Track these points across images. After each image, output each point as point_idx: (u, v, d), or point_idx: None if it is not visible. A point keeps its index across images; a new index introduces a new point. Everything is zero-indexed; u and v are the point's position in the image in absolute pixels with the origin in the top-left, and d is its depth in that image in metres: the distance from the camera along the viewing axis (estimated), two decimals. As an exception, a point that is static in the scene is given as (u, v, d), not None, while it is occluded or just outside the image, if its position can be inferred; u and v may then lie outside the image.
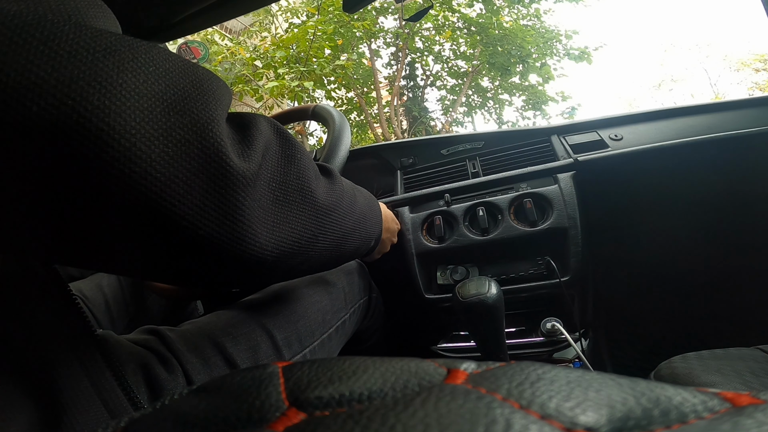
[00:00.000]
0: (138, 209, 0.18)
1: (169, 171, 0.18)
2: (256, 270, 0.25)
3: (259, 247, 0.24)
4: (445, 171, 0.88)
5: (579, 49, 7.27)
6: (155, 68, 0.19)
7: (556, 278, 0.65)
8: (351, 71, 6.73)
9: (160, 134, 0.18)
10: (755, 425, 0.09)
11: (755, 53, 9.92)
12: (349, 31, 6.44)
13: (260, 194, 0.24)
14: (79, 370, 0.30)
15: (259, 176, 0.24)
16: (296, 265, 0.29)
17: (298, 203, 0.27)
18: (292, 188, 0.26)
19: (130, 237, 0.19)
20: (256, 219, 0.23)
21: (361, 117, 7.62)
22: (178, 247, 0.21)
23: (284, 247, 0.26)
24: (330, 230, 0.31)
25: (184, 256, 0.21)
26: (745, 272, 0.85)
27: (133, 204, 0.18)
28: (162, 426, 0.13)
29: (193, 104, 0.19)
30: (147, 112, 0.17)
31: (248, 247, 0.23)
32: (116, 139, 0.16)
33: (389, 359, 0.15)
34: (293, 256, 0.27)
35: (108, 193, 0.17)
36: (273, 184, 0.25)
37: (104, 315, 0.70)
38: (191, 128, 0.19)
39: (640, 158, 0.75)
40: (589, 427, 0.10)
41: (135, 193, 0.17)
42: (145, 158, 0.17)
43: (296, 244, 0.27)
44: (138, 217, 0.18)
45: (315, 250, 0.29)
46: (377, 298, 0.71)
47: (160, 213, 0.18)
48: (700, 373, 0.47)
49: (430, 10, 1.12)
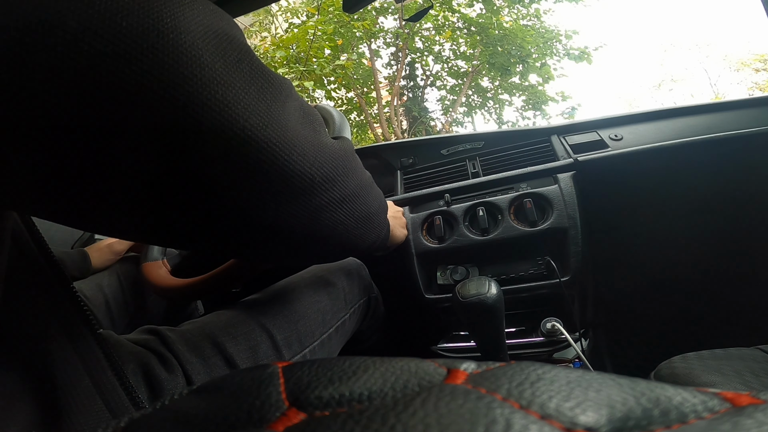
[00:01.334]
0: (204, 110, 0.20)
1: (230, 78, 0.21)
2: (302, 189, 0.26)
3: (307, 161, 0.26)
4: (445, 171, 0.88)
5: (579, 49, 7.27)
6: (204, 7, 0.22)
7: (556, 278, 0.65)
8: (351, 71, 6.74)
9: (218, 51, 0.21)
10: (755, 425, 0.09)
11: (755, 53, 9.92)
12: (349, 31, 6.45)
13: (299, 116, 0.26)
14: (80, 368, 0.30)
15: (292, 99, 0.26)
16: (334, 201, 0.30)
17: (326, 137, 0.29)
18: (318, 125, 0.29)
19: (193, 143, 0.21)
20: (302, 135, 0.26)
21: (361, 117, 7.62)
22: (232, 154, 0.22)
23: (326, 170, 0.28)
24: (355, 172, 0.33)
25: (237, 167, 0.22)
26: (745, 272, 0.85)
27: (201, 105, 0.20)
28: (162, 426, 0.13)
29: (234, 37, 0.23)
30: (205, 34, 0.21)
31: (299, 157, 0.25)
32: (187, 49, 0.19)
33: (389, 359, 0.15)
34: (333, 185, 0.29)
35: (182, 95, 0.19)
36: (303, 118, 0.27)
37: (104, 315, 0.70)
38: (239, 51, 0.22)
39: (640, 158, 0.75)
40: (589, 427, 0.10)
41: (204, 94, 0.20)
42: (210, 66, 0.20)
43: (335, 171, 0.29)
44: (205, 119, 0.20)
45: (348, 187, 0.31)
46: (377, 299, 0.71)
47: (225, 111, 0.21)
48: (700, 373, 0.47)
49: (430, 10, 1.12)
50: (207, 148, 0.21)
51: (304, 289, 0.55)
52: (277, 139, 0.23)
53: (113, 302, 0.72)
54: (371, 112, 7.67)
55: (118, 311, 0.73)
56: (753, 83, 9.80)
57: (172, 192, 0.22)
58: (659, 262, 0.88)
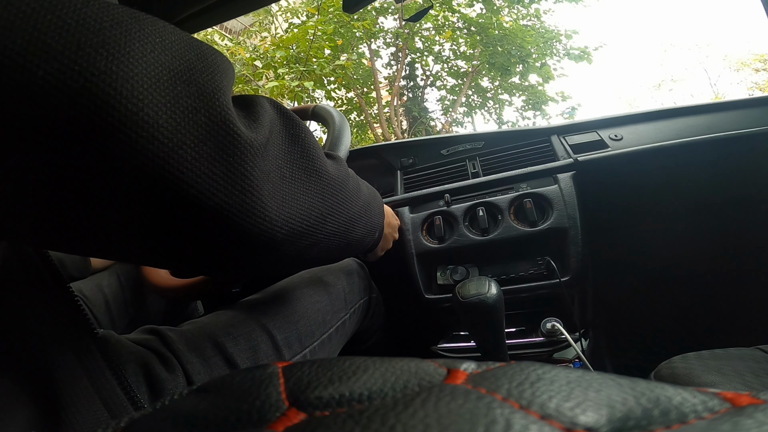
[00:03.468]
0: (144, 176, 0.18)
1: (177, 137, 0.18)
2: (265, 249, 0.24)
3: (269, 222, 0.23)
4: (445, 171, 0.88)
5: (579, 49, 7.27)
6: (161, 39, 0.19)
7: (556, 278, 0.65)
8: (351, 71, 6.73)
9: (167, 101, 0.18)
10: (755, 425, 0.09)
11: (755, 53, 9.92)
12: (349, 31, 6.44)
13: (269, 168, 0.23)
14: (79, 369, 0.30)
15: (267, 149, 0.23)
16: (305, 248, 0.28)
17: (304, 181, 0.26)
18: (298, 166, 0.26)
19: (135, 210, 0.19)
20: (266, 192, 0.23)
21: (361, 117, 7.62)
22: (185, 220, 0.20)
23: (293, 225, 0.25)
24: (337, 212, 0.30)
25: (190, 230, 0.21)
26: (745, 272, 0.85)
27: (139, 171, 0.17)
28: (162, 426, 0.13)
29: (199, 75, 0.20)
30: (154, 80, 0.18)
31: (258, 221, 0.22)
32: (123, 104, 0.16)
33: (389, 359, 0.15)
34: (302, 236, 0.26)
35: (114, 159, 0.17)
36: (280, 161, 0.25)
37: (104, 315, 0.70)
38: (198, 97, 0.19)
39: (640, 158, 0.75)
40: (589, 427, 0.10)
41: (142, 159, 0.17)
42: (152, 123, 0.17)
43: (305, 223, 0.26)
44: (144, 186, 0.18)
45: (323, 232, 0.29)
46: (377, 299, 0.71)
47: (167, 180, 0.18)
48: (700, 373, 0.47)
49: (430, 10, 1.12)
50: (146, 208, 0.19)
51: (304, 289, 0.55)
52: (231, 206, 0.21)
53: (113, 302, 0.72)
54: (371, 112, 7.67)
55: (118, 311, 0.73)
56: (753, 83, 9.80)
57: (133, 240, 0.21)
58: (659, 262, 0.88)
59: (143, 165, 0.17)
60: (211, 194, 0.20)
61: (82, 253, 0.22)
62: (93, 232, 0.20)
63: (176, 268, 0.26)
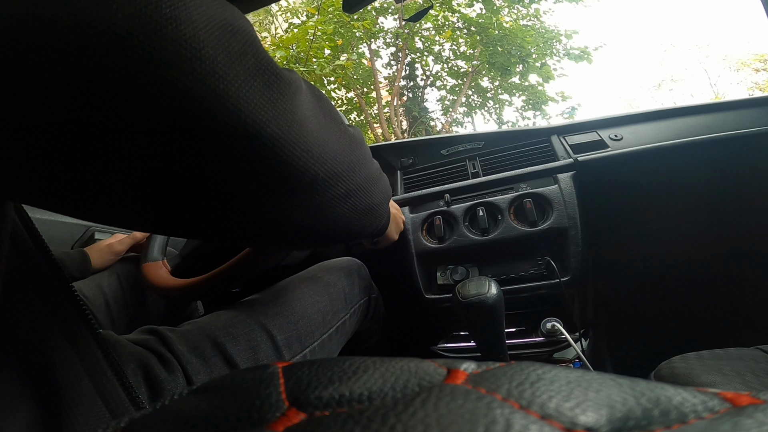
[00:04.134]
0: (206, 107, 0.20)
1: (233, 72, 0.20)
2: (307, 188, 0.26)
3: (312, 157, 0.25)
4: (445, 171, 0.88)
5: (579, 49, 7.28)
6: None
7: (556, 278, 0.65)
8: (351, 71, 6.74)
9: (221, 43, 0.20)
10: (755, 425, 0.09)
11: (755, 53, 9.93)
12: (349, 31, 6.45)
13: (306, 111, 0.25)
14: (80, 369, 0.30)
15: (303, 96, 0.25)
16: (341, 196, 0.29)
17: (335, 131, 0.29)
18: (326, 118, 0.28)
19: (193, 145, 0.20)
20: (308, 129, 0.25)
21: (361, 117, 7.62)
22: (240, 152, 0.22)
23: (331, 165, 0.27)
24: (363, 165, 0.32)
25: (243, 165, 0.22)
26: (745, 272, 0.85)
27: (202, 101, 0.19)
28: (162, 426, 0.13)
29: (239, 28, 0.22)
30: (207, 25, 0.20)
31: (303, 154, 0.24)
32: (188, 42, 0.19)
33: (389, 359, 0.15)
34: (339, 179, 0.28)
35: (179, 92, 0.19)
36: (314, 110, 0.27)
37: (104, 315, 0.70)
38: (244, 43, 0.22)
39: (640, 158, 0.75)
40: (589, 427, 0.10)
41: (205, 90, 0.19)
42: (212, 59, 0.19)
43: (341, 166, 0.28)
44: (205, 117, 0.20)
45: (354, 181, 0.30)
46: (377, 299, 0.71)
47: (225, 109, 0.20)
48: (700, 373, 0.47)
49: (430, 10, 1.12)
50: (206, 144, 0.21)
51: (304, 290, 0.55)
52: (281, 136, 0.23)
53: (113, 302, 0.72)
54: (371, 112, 7.67)
55: (118, 311, 0.73)
56: (753, 83, 9.81)
57: (171, 185, 0.22)
58: (659, 262, 0.88)
59: (206, 96, 0.19)
60: (264, 124, 0.22)
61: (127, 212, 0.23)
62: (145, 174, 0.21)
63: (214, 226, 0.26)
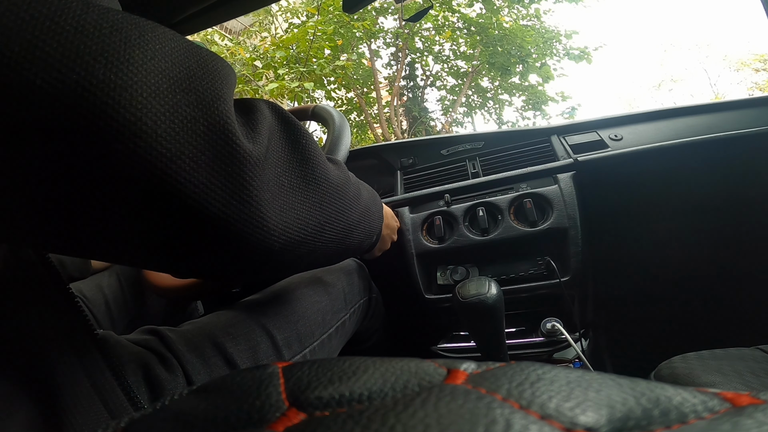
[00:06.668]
0: (143, 185, 0.18)
1: (176, 147, 0.18)
2: (262, 257, 0.24)
3: (267, 231, 0.23)
4: (445, 171, 0.88)
5: (579, 49, 7.27)
6: (161, 46, 0.19)
7: (556, 278, 0.65)
8: (351, 71, 6.73)
9: (166, 110, 0.18)
10: (755, 425, 0.09)
11: (755, 53, 9.92)
12: (349, 32, 6.44)
13: (268, 178, 0.23)
14: (79, 370, 0.30)
15: (266, 159, 0.23)
16: (302, 255, 0.28)
17: (303, 190, 0.27)
18: (297, 174, 0.26)
19: (134, 218, 0.19)
20: (264, 202, 0.23)
21: (361, 117, 7.62)
22: (184, 228, 0.20)
23: (291, 234, 0.25)
24: (336, 220, 0.30)
25: (189, 238, 0.21)
26: (745, 271, 0.85)
27: (138, 179, 0.18)
28: (162, 426, 0.13)
29: (199, 83, 0.19)
30: (153, 88, 0.17)
31: (256, 230, 0.23)
32: (121, 113, 0.16)
33: (389, 359, 0.15)
34: (300, 245, 0.27)
35: (112, 168, 0.17)
36: (278, 170, 0.25)
37: (104, 315, 0.70)
38: (197, 106, 0.19)
39: (640, 158, 0.75)
40: (589, 427, 0.10)
41: (140, 168, 0.17)
42: (150, 133, 0.17)
43: (303, 232, 0.26)
44: (143, 195, 0.18)
45: (321, 240, 0.29)
46: (377, 299, 0.71)
47: (166, 189, 0.18)
48: (700, 373, 0.47)
49: (430, 10, 1.12)
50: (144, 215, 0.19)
51: (304, 290, 0.55)
52: (229, 215, 0.21)
53: (113, 302, 0.72)
54: (371, 112, 7.67)
55: (118, 311, 0.73)
56: (753, 83, 9.80)
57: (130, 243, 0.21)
58: (659, 262, 0.88)
59: (142, 174, 0.17)
60: (209, 204, 0.20)
61: (82, 256, 0.22)
62: (92, 236, 0.20)
63: (176, 273, 0.26)
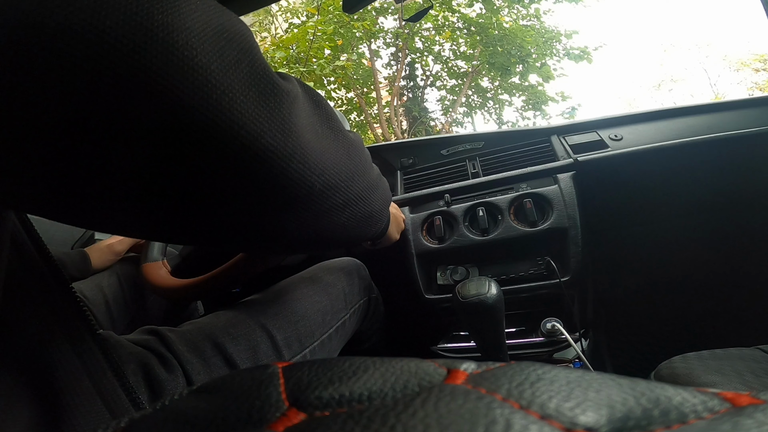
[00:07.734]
0: (200, 117, 0.19)
1: (227, 81, 0.20)
2: (304, 200, 0.25)
3: (309, 169, 0.24)
4: (445, 171, 0.88)
5: (579, 49, 7.27)
6: (201, 1, 0.21)
7: (556, 278, 0.65)
8: (351, 71, 6.74)
9: (215, 51, 0.20)
10: (755, 425, 0.09)
11: (755, 53, 9.91)
12: (349, 32, 6.44)
13: (304, 120, 0.25)
14: (80, 369, 0.30)
15: (302, 102, 0.25)
16: (338, 207, 0.29)
17: (332, 139, 0.28)
18: (325, 126, 0.28)
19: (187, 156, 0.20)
20: (305, 140, 0.24)
21: (361, 117, 7.62)
22: (234, 163, 0.21)
23: (328, 176, 0.26)
24: (361, 173, 0.31)
25: (237, 175, 0.22)
26: (745, 272, 0.85)
27: (195, 111, 0.19)
28: (162, 426, 0.13)
29: (234, 34, 0.21)
30: (201, 33, 0.19)
31: (300, 166, 0.24)
32: (179, 50, 0.18)
33: (389, 359, 0.15)
34: (336, 190, 0.28)
35: (172, 103, 0.18)
36: (311, 119, 0.26)
37: (104, 315, 0.70)
38: (239, 51, 0.21)
39: (640, 158, 0.75)
40: (589, 428, 0.10)
41: (197, 99, 0.19)
42: (205, 68, 0.19)
43: (338, 177, 0.27)
44: (199, 127, 0.19)
45: (352, 191, 0.30)
46: (377, 299, 0.71)
47: (219, 121, 0.20)
48: (700, 373, 0.47)
49: (430, 10, 1.12)
50: (199, 153, 0.20)
51: (304, 290, 0.55)
52: (276, 147, 0.22)
53: (113, 302, 0.72)
54: (371, 112, 7.67)
55: (118, 311, 0.73)
56: (753, 83, 9.80)
57: (165, 193, 0.21)
58: (659, 262, 0.88)
59: (198, 105, 0.19)
60: (259, 135, 0.21)
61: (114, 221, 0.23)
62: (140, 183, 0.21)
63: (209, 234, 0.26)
